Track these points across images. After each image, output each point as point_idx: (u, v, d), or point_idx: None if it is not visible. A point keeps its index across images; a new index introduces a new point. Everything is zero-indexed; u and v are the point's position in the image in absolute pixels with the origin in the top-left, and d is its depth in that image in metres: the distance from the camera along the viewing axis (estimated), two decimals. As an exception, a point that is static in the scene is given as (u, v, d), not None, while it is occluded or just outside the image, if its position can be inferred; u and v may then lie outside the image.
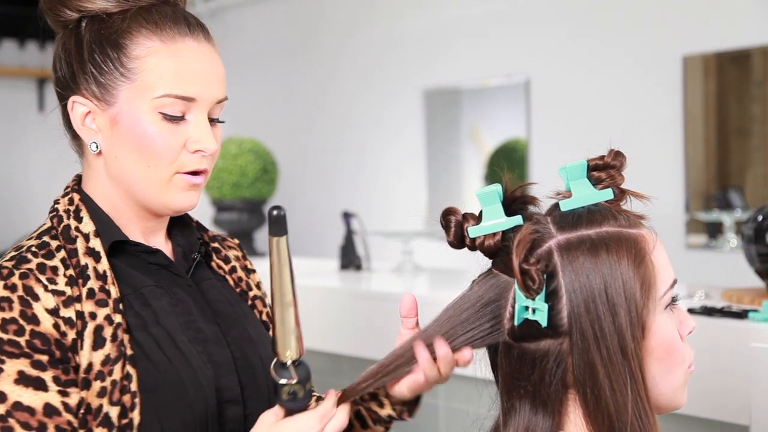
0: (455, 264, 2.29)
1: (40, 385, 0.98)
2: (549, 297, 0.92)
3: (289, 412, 0.96)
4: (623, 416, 0.91)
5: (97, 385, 1.00)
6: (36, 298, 1.01)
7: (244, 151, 3.58)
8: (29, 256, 1.04)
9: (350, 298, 2.50)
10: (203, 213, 4.07)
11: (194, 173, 1.11)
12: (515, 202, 0.99)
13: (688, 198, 3.07)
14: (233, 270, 1.25)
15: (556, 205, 0.98)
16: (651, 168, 3.08)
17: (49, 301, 1.02)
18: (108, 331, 1.03)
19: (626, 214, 0.97)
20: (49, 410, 0.97)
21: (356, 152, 4.20)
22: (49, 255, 1.05)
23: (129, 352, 1.04)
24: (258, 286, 1.29)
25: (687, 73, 3.04)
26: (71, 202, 1.11)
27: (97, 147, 1.10)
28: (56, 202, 1.12)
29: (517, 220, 0.97)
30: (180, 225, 1.22)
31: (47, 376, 0.99)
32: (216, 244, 1.26)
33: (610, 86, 3.27)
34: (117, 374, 1.02)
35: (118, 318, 1.04)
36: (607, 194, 0.97)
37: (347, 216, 3.11)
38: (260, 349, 1.17)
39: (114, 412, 1.01)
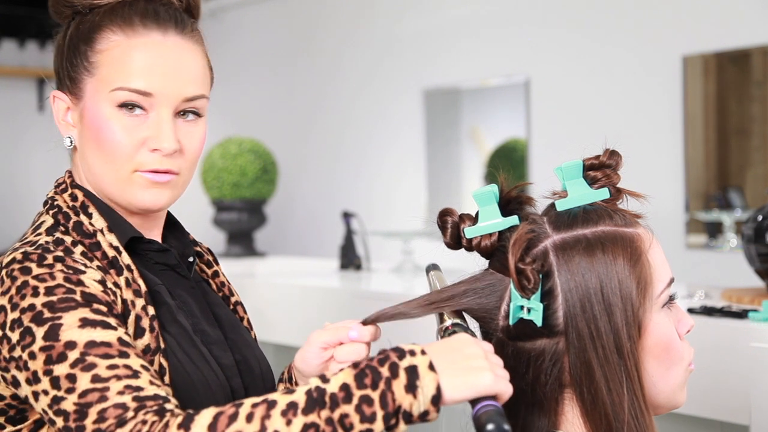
0: (455, 264, 2.28)
1: (107, 326, 0.93)
2: (544, 297, 0.93)
3: None
4: (620, 415, 0.91)
5: None
6: (79, 271, 0.97)
7: (244, 151, 3.59)
8: (50, 247, 1.00)
9: (350, 298, 2.50)
10: (203, 213, 4.07)
11: (156, 172, 1.06)
12: (511, 203, 0.99)
13: (688, 198, 3.07)
14: (216, 275, 1.23)
15: (552, 205, 0.98)
16: (651, 168, 3.08)
17: (94, 273, 0.99)
18: (146, 322, 1.01)
19: (622, 213, 0.97)
20: (124, 342, 0.93)
21: (356, 152, 4.20)
22: (68, 251, 1.01)
23: (162, 345, 1.02)
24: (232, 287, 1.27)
25: (687, 73, 3.04)
26: (74, 198, 1.08)
27: (71, 142, 1.09)
28: (52, 199, 1.09)
29: (514, 220, 0.97)
30: (172, 227, 1.19)
31: (111, 320, 0.94)
32: (197, 248, 1.23)
33: (610, 86, 3.27)
34: (156, 365, 1.00)
35: (151, 310, 1.03)
36: (603, 194, 0.97)
37: (347, 216, 3.11)
38: (255, 352, 1.17)
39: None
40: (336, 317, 1.45)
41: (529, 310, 0.93)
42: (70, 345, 0.90)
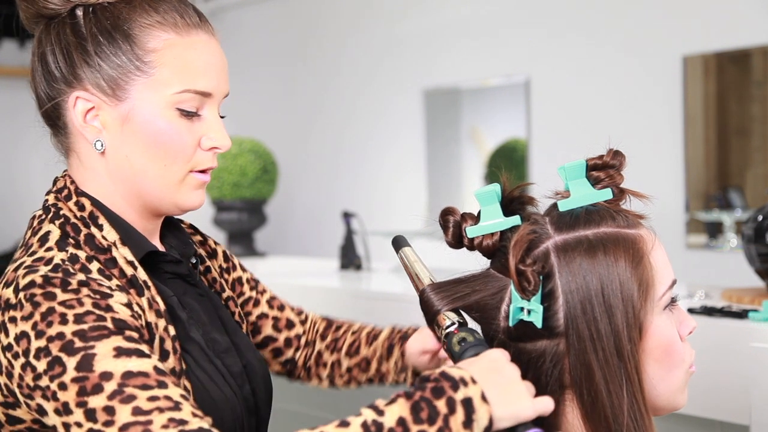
0: (455, 264, 2.28)
1: (141, 354, 0.89)
2: (545, 298, 0.92)
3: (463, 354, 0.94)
4: (619, 418, 0.91)
5: None
6: (107, 295, 0.93)
7: (244, 151, 3.58)
8: (70, 269, 0.95)
9: (350, 298, 2.50)
10: (203, 213, 4.07)
11: (205, 171, 1.06)
12: (513, 203, 0.99)
13: (688, 198, 3.07)
14: (208, 270, 1.19)
15: (555, 205, 0.98)
16: (651, 168, 3.08)
17: (120, 296, 0.95)
18: (168, 344, 0.98)
19: (625, 214, 0.97)
20: (160, 371, 0.89)
21: (356, 152, 4.19)
22: (85, 269, 0.96)
23: (184, 366, 1.00)
24: (224, 272, 1.24)
25: (687, 73, 3.04)
26: (81, 207, 1.03)
27: (102, 146, 1.03)
28: (55, 206, 1.04)
29: (516, 220, 0.97)
30: (170, 225, 1.15)
31: (144, 348, 0.91)
32: (208, 247, 1.21)
33: (610, 86, 3.27)
34: (181, 389, 0.94)
35: (172, 330, 0.99)
36: (606, 194, 0.97)
37: (347, 216, 3.11)
38: (256, 353, 1.16)
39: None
40: (336, 317, 1.45)
41: (529, 312, 0.92)
42: (106, 376, 0.86)
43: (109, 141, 1.03)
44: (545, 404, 0.86)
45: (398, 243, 1.12)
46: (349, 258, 3.04)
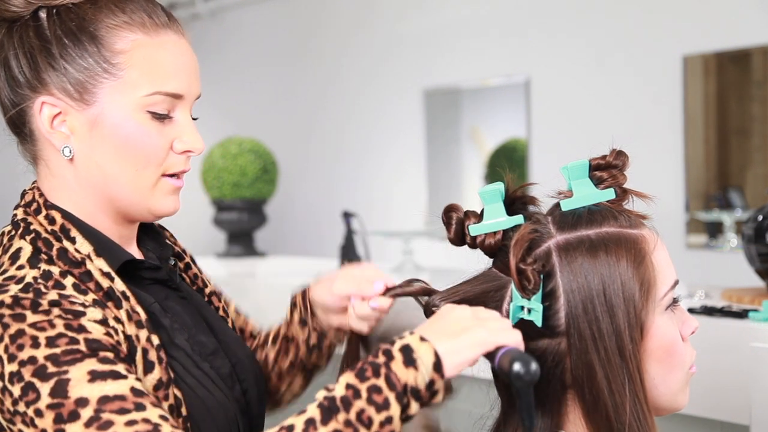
0: (455, 264, 2.29)
1: (116, 375, 0.87)
2: (546, 297, 0.92)
3: None
4: (621, 417, 0.91)
5: None
6: (79, 314, 0.90)
7: (244, 151, 3.58)
8: (41, 288, 0.92)
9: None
10: (203, 213, 4.07)
11: (177, 175, 1.02)
12: (516, 202, 0.99)
13: (688, 198, 3.07)
14: (188, 267, 1.16)
15: (557, 205, 0.98)
16: (651, 168, 3.08)
17: (94, 312, 0.91)
18: (153, 354, 0.95)
19: (627, 214, 0.96)
20: (137, 392, 0.86)
21: (356, 152, 4.19)
22: (59, 285, 0.93)
23: (172, 375, 0.97)
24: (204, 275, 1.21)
25: (687, 73, 3.04)
26: (52, 221, 0.99)
27: (70, 152, 0.99)
28: (25, 221, 1.00)
29: (519, 219, 0.97)
30: (145, 228, 1.11)
31: (120, 368, 0.88)
32: (168, 240, 1.16)
33: (610, 86, 3.27)
34: (171, 398, 0.95)
35: (155, 339, 0.96)
36: (609, 194, 0.97)
37: (347, 216, 3.10)
38: (245, 349, 1.14)
39: None
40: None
41: (529, 311, 0.92)
42: (82, 402, 0.84)
43: (77, 147, 0.99)
44: (508, 334, 0.86)
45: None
46: (349, 258, 3.04)
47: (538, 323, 0.92)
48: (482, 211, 0.98)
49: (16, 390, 0.86)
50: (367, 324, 1.07)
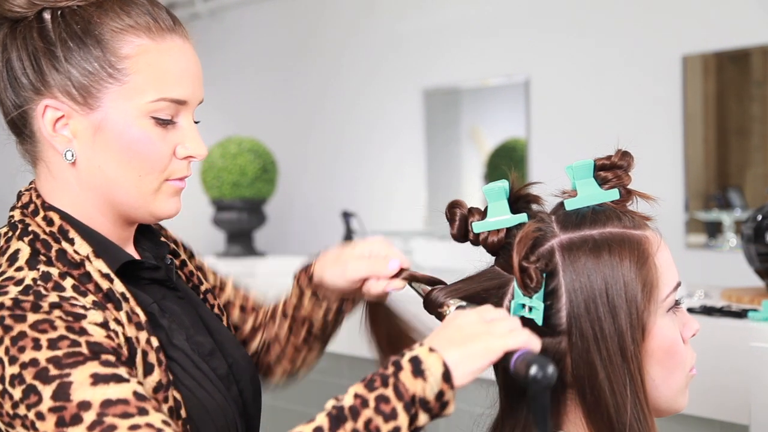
0: (455, 263, 2.29)
1: (119, 379, 0.86)
2: (548, 296, 0.92)
3: None
4: (623, 417, 0.91)
5: None
6: (80, 316, 0.90)
7: (243, 151, 3.58)
8: (41, 290, 0.91)
9: (350, 298, 2.50)
10: (203, 213, 4.07)
11: (182, 179, 1.02)
12: (520, 200, 0.98)
13: (688, 197, 3.07)
14: (184, 264, 1.16)
15: (561, 204, 0.98)
16: (651, 168, 3.08)
17: (95, 315, 0.91)
18: (152, 356, 0.95)
19: (631, 215, 0.96)
20: (140, 396, 0.86)
21: (356, 152, 4.19)
22: (58, 287, 0.92)
23: (171, 377, 0.97)
24: (202, 270, 1.20)
25: (687, 72, 3.04)
26: (50, 222, 0.98)
27: (72, 156, 0.98)
28: (23, 222, 0.99)
29: (522, 217, 0.96)
30: (141, 228, 1.11)
31: (122, 371, 0.87)
32: (163, 239, 1.15)
33: (609, 86, 3.27)
34: (171, 401, 0.95)
35: (155, 341, 0.96)
36: (613, 194, 0.96)
37: (347, 215, 3.10)
38: (240, 348, 1.13)
39: None
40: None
41: (530, 309, 0.92)
42: (84, 405, 0.83)
43: (80, 151, 0.98)
44: (519, 336, 0.84)
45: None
46: (349, 258, 3.04)
47: (539, 322, 0.92)
48: (486, 209, 0.98)
49: (17, 393, 0.85)
50: (383, 297, 1.09)
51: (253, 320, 1.26)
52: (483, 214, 0.98)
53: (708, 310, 1.75)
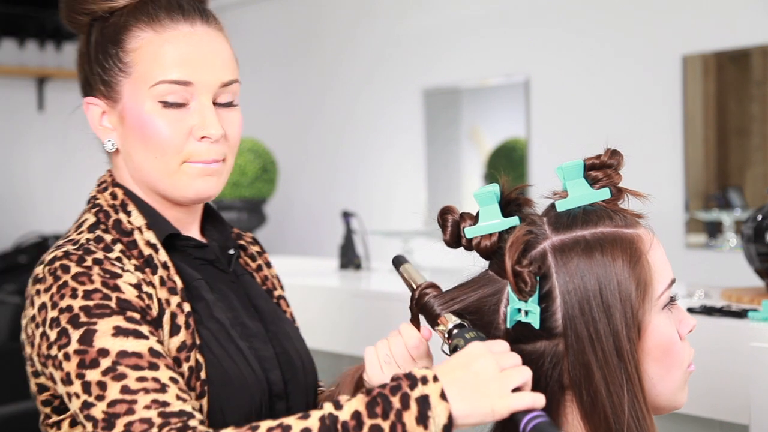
0: (455, 263, 2.29)
1: (139, 335, 0.96)
2: (543, 299, 0.92)
3: None
4: (620, 417, 0.90)
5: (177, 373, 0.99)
6: (116, 275, 1.00)
7: (243, 151, 3.58)
8: (91, 247, 1.03)
9: (350, 298, 2.50)
10: (203, 213, 4.07)
11: (205, 162, 1.09)
12: (511, 204, 0.98)
13: (688, 197, 3.07)
14: (259, 268, 1.25)
15: (553, 206, 0.97)
16: (650, 167, 3.08)
17: (130, 277, 1.01)
18: (181, 319, 1.04)
19: (623, 214, 0.96)
20: (155, 353, 0.95)
21: (356, 152, 4.19)
22: (108, 248, 1.04)
23: (198, 341, 1.04)
24: (278, 279, 1.29)
25: (686, 72, 3.04)
26: (114, 196, 1.11)
27: (113, 145, 1.11)
28: (94, 197, 1.12)
29: (514, 221, 0.96)
30: (213, 220, 1.21)
31: (143, 329, 0.97)
32: (241, 242, 1.26)
33: (609, 86, 3.27)
34: (192, 361, 1.02)
35: (187, 306, 1.05)
36: (604, 194, 0.96)
37: (347, 215, 3.10)
38: (296, 344, 1.19)
39: (197, 405, 1.00)
40: (336, 317, 1.46)
41: (526, 313, 0.92)
42: (103, 352, 0.93)
43: (117, 140, 1.10)
44: (523, 399, 0.83)
45: (398, 261, 1.13)
46: (349, 257, 3.04)
47: (536, 325, 0.91)
48: (478, 213, 0.98)
49: (53, 334, 0.96)
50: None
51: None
52: (475, 219, 0.98)
53: (708, 310, 1.75)
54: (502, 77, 3.63)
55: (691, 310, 1.76)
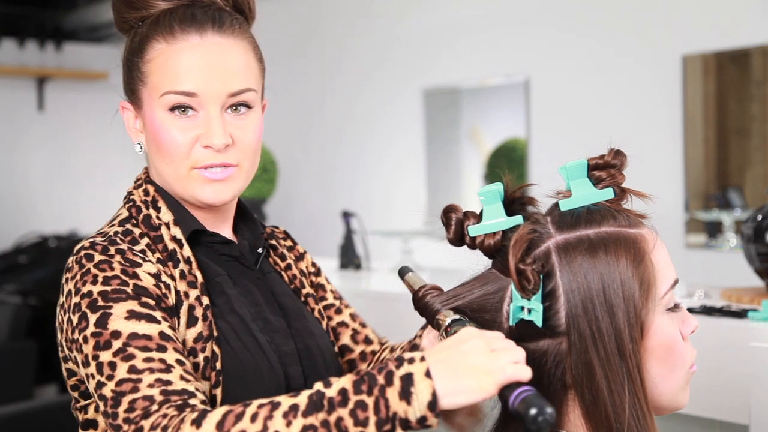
0: (455, 263, 2.29)
1: (151, 319, 1.00)
2: (546, 297, 0.92)
3: None
4: (621, 417, 0.91)
5: (190, 361, 1.03)
6: (136, 264, 1.05)
7: (243, 151, 3.58)
8: (118, 239, 1.08)
9: (350, 298, 2.49)
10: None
11: (210, 167, 1.11)
12: (515, 203, 0.98)
13: (688, 197, 3.07)
14: (288, 267, 1.28)
15: (556, 205, 0.98)
16: (651, 167, 3.08)
17: (150, 267, 1.06)
18: (199, 311, 1.07)
19: (626, 214, 0.96)
20: (165, 336, 0.99)
21: (356, 152, 4.19)
22: (134, 241, 1.09)
23: (215, 333, 1.08)
24: (311, 275, 1.32)
25: (686, 72, 3.04)
26: (147, 193, 1.16)
27: (141, 148, 1.17)
28: (129, 193, 1.17)
29: (518, 219, 0.96)
30: (245, 219, 1.25)
31: (157, 314, 1.01)
32: (273, 241, 1.29)
33: (609, 86, 3.27)
34: (208, 351, 1.06)
35: (206, 300, 1.09)
36: (608, 194, 0.96)
37: (347, 215, 3.11)
38: (319, 341, 1.21)
39: (203, 387, 1.03)
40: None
41: (529, 311, 0.92)
42: (116, 334, 0.98)
43: (144, 143, 1.17)
44: (513, 371, 0.84)
45: (403, 271, 1.13)
46: (349, 257, 3.04)
47: (539, 323, 0.92)
48: (481, 212, 0.98)
49: (75, 319, 1.01)
50: None
51: (365, 348, 1.34)
52: (478, 218, 0.98)
53: (708, 310, 1.75)
54: (502, 77, 3.63)
55: (691, 310, 1.76)
